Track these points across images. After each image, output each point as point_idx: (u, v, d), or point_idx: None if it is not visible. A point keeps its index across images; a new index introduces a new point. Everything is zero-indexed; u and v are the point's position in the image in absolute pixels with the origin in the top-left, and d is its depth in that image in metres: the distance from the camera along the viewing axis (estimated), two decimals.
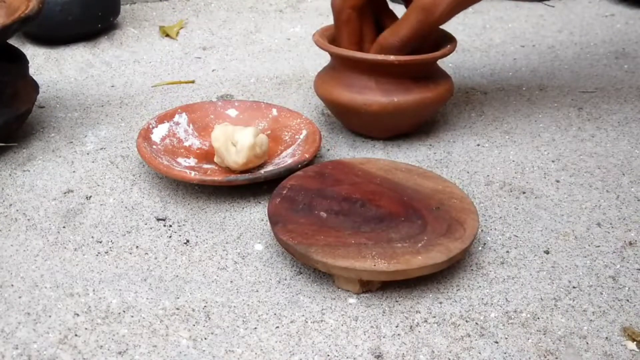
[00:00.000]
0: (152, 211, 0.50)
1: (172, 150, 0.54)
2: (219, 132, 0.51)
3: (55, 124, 0.62)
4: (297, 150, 0.53)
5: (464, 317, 0.40)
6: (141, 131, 0.54)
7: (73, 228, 0.48)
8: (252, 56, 0.78)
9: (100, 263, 0.44)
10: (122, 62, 0.76)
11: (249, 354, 0.37)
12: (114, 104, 0.66)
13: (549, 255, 0.45)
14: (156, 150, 0.53)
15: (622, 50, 0.78)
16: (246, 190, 0.52)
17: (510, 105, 0.65)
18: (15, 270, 0.44)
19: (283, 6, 0.95)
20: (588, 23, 0.87)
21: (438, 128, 0.61)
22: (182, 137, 0.56)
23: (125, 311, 0.40)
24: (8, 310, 0.40)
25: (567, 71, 0.73)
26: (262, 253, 0.45)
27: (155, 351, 0.37)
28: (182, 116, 0.58)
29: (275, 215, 0.44)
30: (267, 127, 0.58)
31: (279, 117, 0.58)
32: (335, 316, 0.40)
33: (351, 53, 0.53)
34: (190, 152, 0.55)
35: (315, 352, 0.37)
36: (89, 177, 0.54)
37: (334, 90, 0.55)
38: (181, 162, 0.53)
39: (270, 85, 0.70)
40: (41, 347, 0.38)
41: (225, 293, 0.42)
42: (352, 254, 0.40)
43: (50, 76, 0.72)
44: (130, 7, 0.92)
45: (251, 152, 0.50)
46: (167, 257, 0.45)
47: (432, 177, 0.48)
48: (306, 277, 0.43)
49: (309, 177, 0.48)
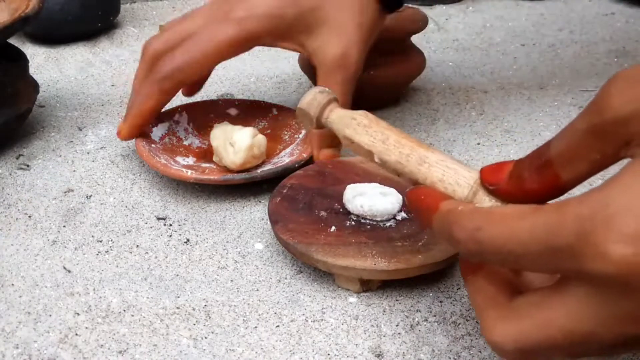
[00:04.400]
0: (153, 210, 0.50)
1: (171, 149, 0.54)
2: (218, 131, 0.52)
3: (56, 123, 0.62)
4: (296, 150, 0.53)
5: (465, 315, 0.40)
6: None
7: (73, 227, 0.48)
8: (252, 55, 0.78)
9: (101, 262, 0.44)
10: (123, 61, 0.76)
11: (249, 353, 0.37)
12: (114, 103, 0.66)
13: None
14: (155, 149, 0.53)
15: (623, 49, 0.78)
16: (246, 190, 0.52)
17: (511, 104, 0.65)
18: (16, 269, 0.44)
19: None
20: (588, 22, 0.87)
21: (438, 127, 0.61)
22: (182, 136, 0.56)
23: (125, 310, 0.40)
24: (8, 310, 0.40)
25: (568, 70, 0.73)
26: (263, 252, 0.45)
27: (155, 350, 0.37)
28: (182, 115, 0.58)
29: (276, 214, 0.44)
30: (267, 126, 0.58)
31: (279, 116, 0.58)
32: (336, 315, 0.40)
33: None
34: (190, 151, 0.55)
35: (316, 351, 0.37)
36: (89, 177, 0.54)
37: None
38: (180, 161, 0.53)
39: (270, 85, 0.70)
40: (41, 346, 0.38)
41: (225, 292, 0.42)
42: (352, 253, 0.40)
43: (50, 75, 0.72)
44: (131, 6, 0.92)
45: (249, 153, 0.50)
46: (167, 256, 0.45)
47: None
48: (306, 276, 0.43)
49: (309, 176, 0.48)
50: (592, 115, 0.27)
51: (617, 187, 0.25)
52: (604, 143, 0.27)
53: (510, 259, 0.27)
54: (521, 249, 0.26)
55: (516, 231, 0.27)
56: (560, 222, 0.25)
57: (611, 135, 0.27)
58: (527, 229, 0.26)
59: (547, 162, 0.29)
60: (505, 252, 0.27)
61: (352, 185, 0.44)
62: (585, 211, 0.25)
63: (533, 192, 0.30)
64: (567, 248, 0.25)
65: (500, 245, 0.27)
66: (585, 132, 0.28)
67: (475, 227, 0.28)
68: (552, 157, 0.29)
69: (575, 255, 0.25)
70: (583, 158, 0.28)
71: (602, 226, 0.24)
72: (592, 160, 0.28)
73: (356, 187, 0.44)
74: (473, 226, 0.28)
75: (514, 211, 0.27)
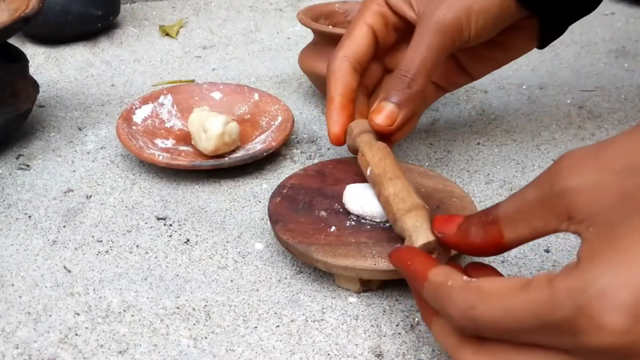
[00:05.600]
0: (153, 210, 0.50)
1: (152, 131, 0.56)
2: (195, 116, 0.54)
3: (56, 123, 0.62)
4: (269, 137, 0.55)
5: None
6: (123, 112, 0.57)
7: (73, 227, 0.48)
8: (252, 55, 0.78)
9: (101, 262, 0.44)
10: (122, 62, 0.76)
11: (249, 353, 0.37)
12: (114, 103, 0.66)
13: (549, 254, 0.45)
14: (135, 132, 0.55)
15: (623, 49, 0.78)
16: (246, 189, 0.52)
17: (511, 104, 0.65)
18: (16, 269, 0.44)
19: (283, 5, 0.95)
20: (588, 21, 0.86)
21: (438, 127, 0.61)
22: (165, 118, 0.58)
23: (125, 310, 0.40)
24: (8, 310, 0.40)
25: (567, 70, 0.73)
26: (263, 252, 0.45)
27: (155, 350, 0.37)
28: (167, 97, 0.60)
29: (276, 215, 0.44)
30: (247, 111, 0.59)
31: (259, 102, 0.60)
32: (336, 315, 0.40)
33: (331, 29, 0.58)
34: (171, 134, 0.57)
35: (316, 351, 0.37)
36: (89, 177, 0.54)
37: (316, 64, 0.59)
38: (158, 144, 0.55)
39: (270, 84, 0.70)
40: (42, 346, 0.38)
41: (225, 292, 0.42)
42: (352, 253, 0.40)
43: (50, 75, 0.72)
44: (130, 6, 0.92)
45: (220, 140, 0.51)
46: (167, 256, 0.45)
47: (432, 176, 0.48)
48: (306, 276, 0.43)
49: (309, 176, 0.48)
50: (543, 185, 0.29)
51: (601, 262, 0.26)
52: (549, 212, 0.29)
53: (506, 334, 0.28)
54: (517, 325, 0.27)
55: (510, 308, 0.28)
56: (553, 297, 0.26)
57: (557, 206, 0.28)
58: (521, 305, 0.27)
59: (494, 220, 0.31)
60: (501, 328, 0.28)
61: (351, 185, 0.45)
62: (577, 284, 0.26)
63: (476, 245, 0.33)
64: (563, 322, 0.26)
65: (496, 322, 0.28)
66: (534, 200, 0.29)
67: (469, 306, 0.29)
68: (500, 216, 0.31)
69: (571, 329, 0.25)
70: (527, 223, 0.30)
71: (596, 298, 0.25)
72: (535, 226, 0.30)
73: (356, 188, 0.44)
74: (466, 305, 0.29)
75: (504, 287, 0.28)
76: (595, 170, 0.28)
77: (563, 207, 0.28)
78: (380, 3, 0.49)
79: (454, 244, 0.34)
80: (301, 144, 0.58)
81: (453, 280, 0.30)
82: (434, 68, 0.45)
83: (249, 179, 0.53)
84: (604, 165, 0.28)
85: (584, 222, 0.28)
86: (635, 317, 0.24)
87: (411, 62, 0.45)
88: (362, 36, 0.48)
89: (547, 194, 0.29)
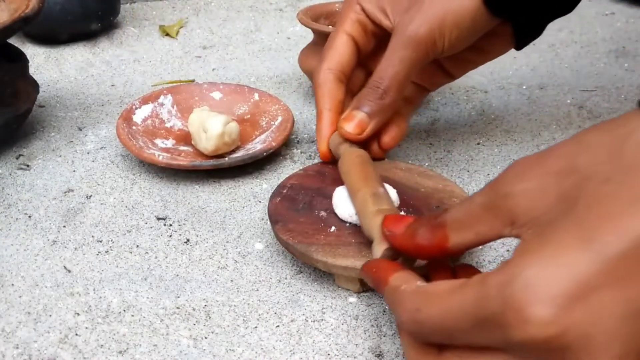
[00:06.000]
0: (153, 210, 0.50)
1: (152, 131, 0.56)
2: (195, 116, 0.53)
3: (56, 123, 0.62)
4: (269, 137, 0.55)
5: None
6: (123, 112, 0.56)
7: (73, 227, 0.48)
8: (252, 55, 0.78)
9: (101, 262, 0.44)
10: (122, 62, 0.76)
11: (249, 353, 0.37)
12: (114, 103, 0.66)
13: None
14: (134, 132, 0.55)
15: (623, 49, 0.78)
16: (246, 189, 0.52)
17: (511, 104, 0.65)
18: (16, 269, 0.44)
19: (283, 5, 0.95)
20: (588, 21, 0.87)
21: (438, 127, 0.61)
22: (165, 118, 0.58)
23: (125, 310, 0.40)
24: (8, 310, 0.40)
25: (568, 70, 0.73)
26: (263, 252, 0.45)
27: (155, 350, 0.37)
28: (167, 97, 0.59)
29: (276, 215, 0.44)
30: (247, 111, 0.59)
31: (259, 101, 0.60)
32: (336, 315, 0.40)
33: (331, 29, 0.57)
34: (171, 134, 0.57)
35: (316, 351, 0.37)
36: (89, 177, 0.54)
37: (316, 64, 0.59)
38: (158, 144, 0.55)
39: (270, 84, 0.70)
40: (42, 346, 0.38)
41: (225, 292, 0.42)
42: (352, 253, 0.40)
43: (50, 75, 0.72)
44: (130, 7, 0.92)
45: (220, 141, 0.51)
46: (167, 256, 0.45)
47: (432, 176, 0.48)
48: (306, 276, 0.43)
49: (309, 176, 0.48)
50: (490, 191, 0.30)
51: (530, 256, 0.26)
52: (494, 217, 0.29)
53: (446, 335, 0.28)
54: (454, 325, 0.28)
55: (448, 308, 0.28)
56: (483, 292, 0.26)
57: (501, 211, 0.29)
58: (457, 304, 0.27)
59: (441, 224, 0.32)
60: (441, 329, 0.28)
61: (340, 188, 0.44)
62: (505, 278, 0.26)
63: (421, 247, 0.33)
64: (493, 317, 0.26)
65: (437, 324, 0.28)
66: (480, 205, 0.30)
67: (415, 309, 0.29)
68: (447, 220, 0.32)
69: (500, 324, 0.25)
70: (472, 228, 0.30)
71: (522, 291, 0.25)
72: (480, 231, 0.30)
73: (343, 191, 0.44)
74: (413, 308, 0.29)
75: (445, 288, 0.29)
76: (539, 174, 0.28)
77: (506, 212, 0.29)
78: (357, 11, 0.49)
79: (400, 243, 0.34)
80: (301, 144, 0.58)
81: (406, 285, 0.31)
82: (406, 81, 0.46)
83: (249, 179, 0.53)
84: (546, 169, 0.28)
85: (525, 226, 0.28)
86: (562, 308, 0.24)
87: (384, 74, 0.46)
88: (343, 45, 0.49)
89: (492, 200, 0.29)
